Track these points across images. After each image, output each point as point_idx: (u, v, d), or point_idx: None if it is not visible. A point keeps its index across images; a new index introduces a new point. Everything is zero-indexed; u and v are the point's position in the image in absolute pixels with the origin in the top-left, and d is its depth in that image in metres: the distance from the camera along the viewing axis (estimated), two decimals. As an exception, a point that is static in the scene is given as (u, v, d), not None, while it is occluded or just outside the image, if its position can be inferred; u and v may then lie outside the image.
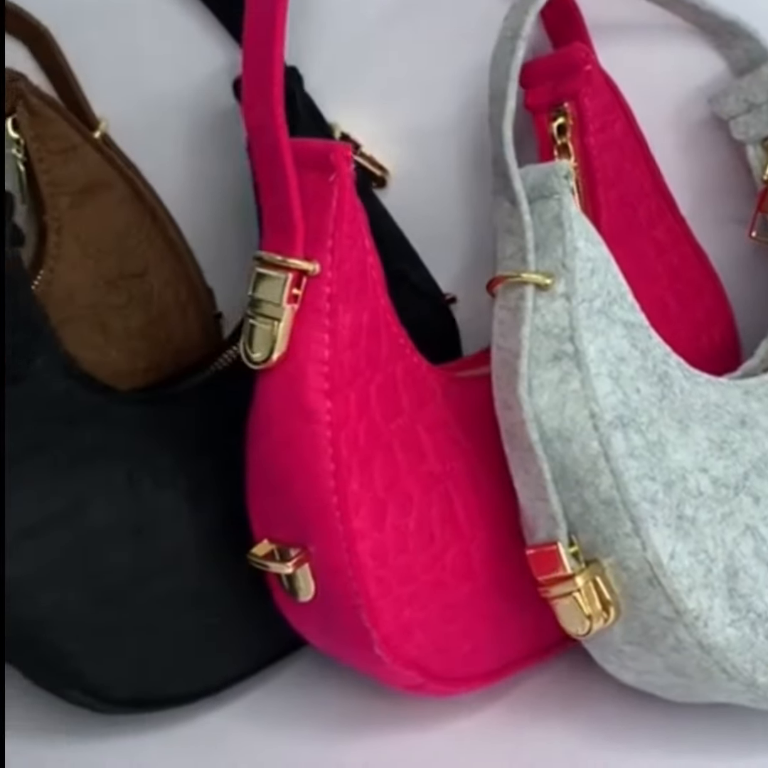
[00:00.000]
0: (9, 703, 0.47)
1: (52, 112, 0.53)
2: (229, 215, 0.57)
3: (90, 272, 0.53)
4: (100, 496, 0.44)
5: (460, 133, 0.55)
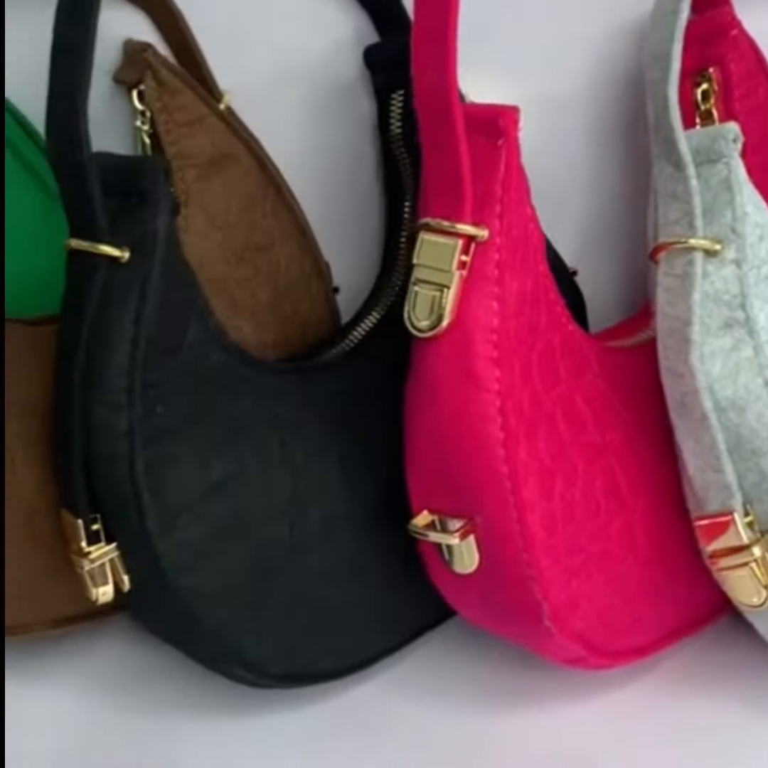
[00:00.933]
0: (164, 680, 0.47)
1: (180, 83, 0.52)
2: (344, 188, 0.57)
3: (218, 245, 0.52)
4: (257, 466, 0.43)
5: (586, 102, 0.55)
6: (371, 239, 0.57)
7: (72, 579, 0.46)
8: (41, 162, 0.54)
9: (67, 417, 0.41)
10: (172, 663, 0.48)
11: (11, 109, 0.54)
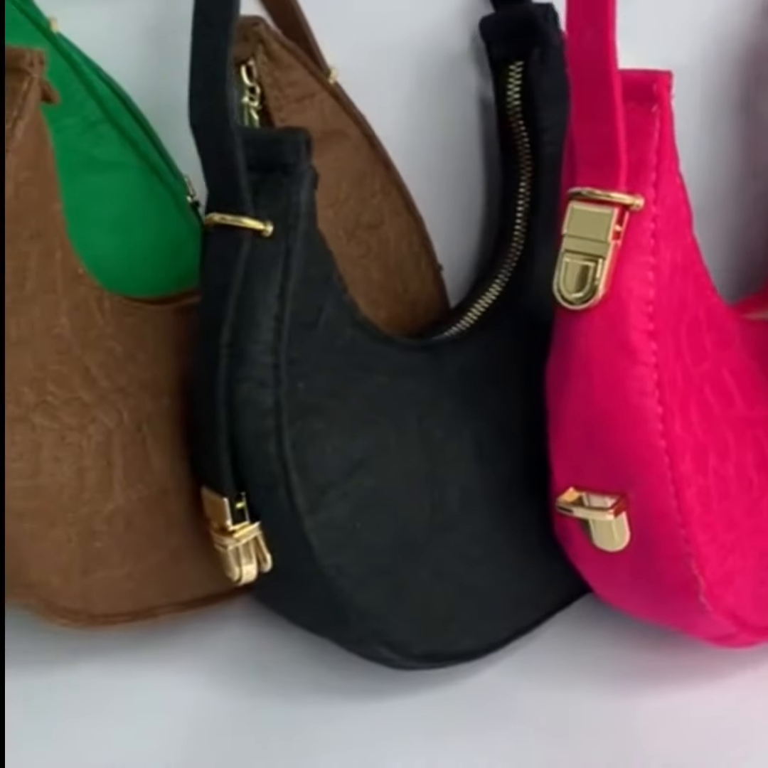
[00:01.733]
0: (287, 663, 0.46)
1: (292, 58, 0.51)
2: (448, 163, 0.56)
3: (330, 222, 0.51)
4: (396, 443, 0.42)
5: (702, 73, 0.54)
6: (475, 215, 0.57)
7: (199, 560, 0.46)
8: (142, 137, 0.54)
9: (212, 395, 0.40)
10: (295, 646, 0.47)
11: (111, 84, 0.54)
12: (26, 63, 0.41)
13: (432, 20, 0.53)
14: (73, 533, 0.42)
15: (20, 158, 0.41)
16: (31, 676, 0.46)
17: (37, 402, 0.42)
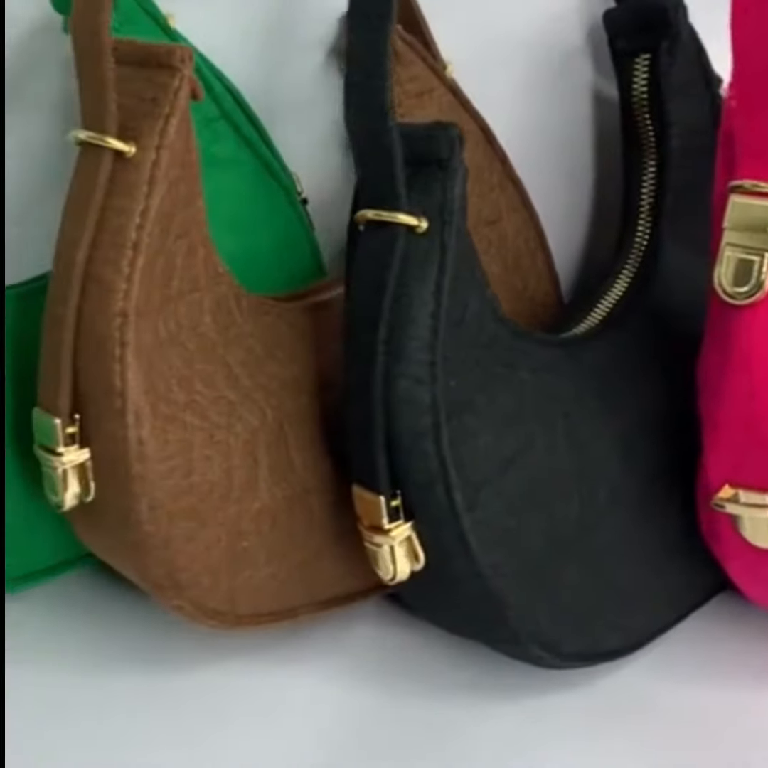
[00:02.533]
0: (423, 662, 0.46)
1: (413, 53, 0.51)
2: (561, 158, 0.56)
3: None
4: (544, 440, 0.42)
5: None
6: (588, 212, 0.57)
7: (339, 559, 0.46)
8: (254, 134, 0.54)
9: (368, 392, 0.40)
10: (434, 646, 0.47)
11: (224, 81, 0.53)
12: (177, 59, 0.40)
13: (547, 14, 0.53)
14: (222, 533, 0.42)
15: (172, 156, 0.41)
16: (180, 677, 0.46)
17: (187, 401, 0.42)
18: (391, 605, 0.48)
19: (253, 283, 0.49)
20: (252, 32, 0.54)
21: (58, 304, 0.40)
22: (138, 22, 0.50)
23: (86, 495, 0.41)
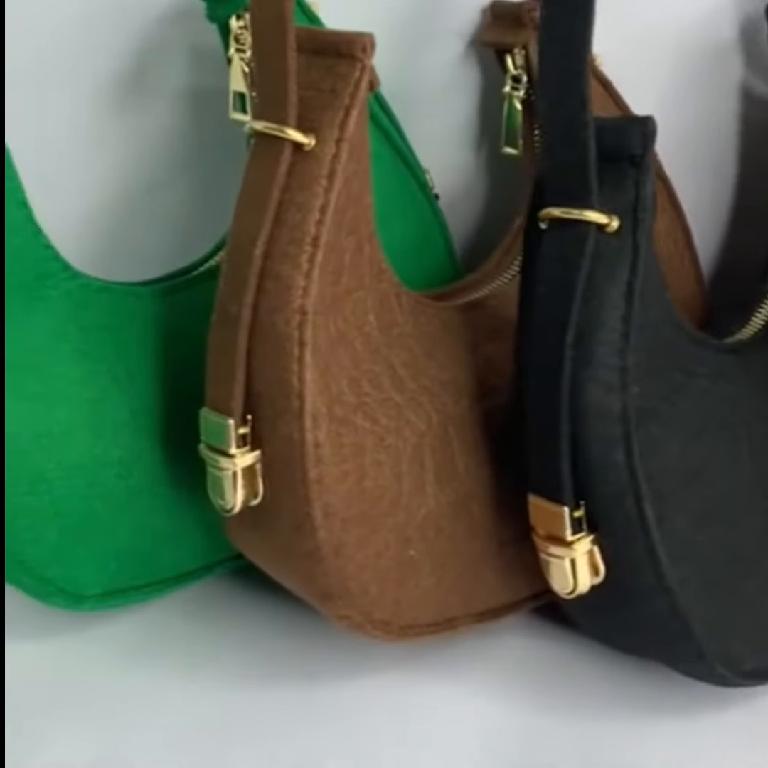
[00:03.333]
0: (576, 675, 0.44)
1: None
2: (710, 157, 0.54)
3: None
4: (727, 450, 0.41)
5: None
6: (736, 213, 0.55)
7: (496, 569, 0.44)
8: (391, 127, 0.52)
9: (554, 398, 0.38)
10: (580, 657, 0.45)
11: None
12: (359, 49, 0.39)
13: (699, 8, 0.52)
14: (391, 540, 0.41)
15: (351, 149, 0.39)
16: (335, 688, 0.44)
17: (357, 403, 0.40)
18: (538, 616, 0.47)
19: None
20: (390, 22, 0.53)
21: (232, 302, 0.39)
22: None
23: (254, 498, 0.40)
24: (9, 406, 0.41)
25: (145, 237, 0.56)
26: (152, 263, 0.54)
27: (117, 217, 0.55)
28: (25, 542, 0.42)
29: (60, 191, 0.53)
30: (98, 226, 0.54)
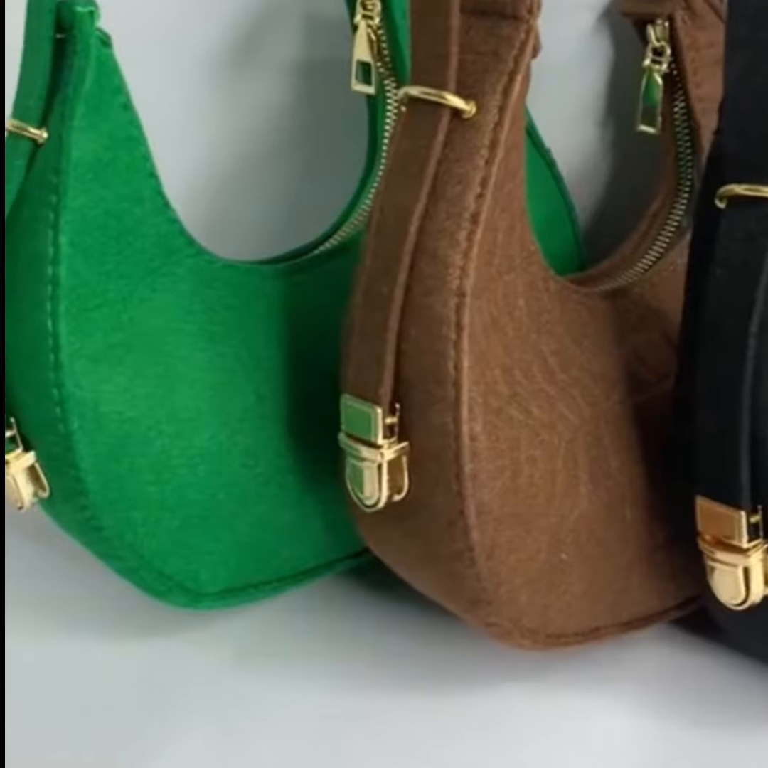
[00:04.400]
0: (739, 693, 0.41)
1: (715, 16, 0.47)
2: None
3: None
4: None
5: None
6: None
7: (645, 576, 0.41)
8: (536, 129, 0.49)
9: (733, 392, 0.34)
10: (719, 668, 0.42)
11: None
12: (524, 9, 0.36)
13: None
14: (543, 543, 0.38)
15: (513, 118, 0.36)
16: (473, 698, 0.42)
17: (511, 393, 0.37)
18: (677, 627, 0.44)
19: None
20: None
21: (381, 282, 0.36)
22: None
23: (397, 493, 0.37)
24: (130, 391, 0.38)
25: (254, 212, 0.53)
26: (260, 240, 0.52)
27: (225, 191, 0.52)
28: (144, 535, 0.39)
29: (166, 163, 0.51)
30: (205, 200, 0.51)
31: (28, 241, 0.38)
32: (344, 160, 0.51)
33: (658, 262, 0.46)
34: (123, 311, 0.38)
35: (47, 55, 0.37)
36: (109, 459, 0.38)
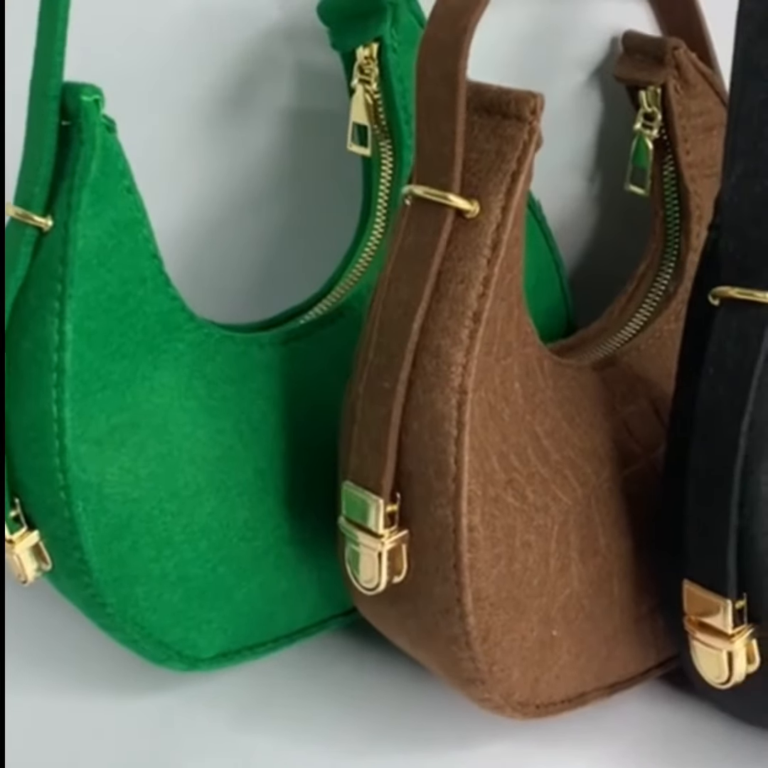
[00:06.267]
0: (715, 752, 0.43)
1: (707, 85, 0.47)
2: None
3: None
4: None
5: None
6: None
7: (629, 644, 0.43)
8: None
9: (723, 488, 0.36)
10: (700, 726, 0.44)
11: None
12: (528, 110, 0.36)
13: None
14: (535, 622, 0.39)
15: (516, 217, 0.37)
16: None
17: (507, 480, 0.38)
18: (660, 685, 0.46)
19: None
20: (513, 49, 0.51)
21: (385, 377, 0.36)
22: (412, 31, 0.46)
23: (396, 576, 0.38)
24: (133, 472, 0.39)
25: (237, 257, 0.54)
26: (242, 283, 0.53)
27: (210, 236, 0.52)
28: (146, 609, 0.40)
29: (154, 205, 0.52)
30: (189, 244, 0.52)
31: (33, 327, 0.38)
32: (336, 213, 0.52)
33: (645, 328, 0.47)
34: (126, 391, 0.39)
35: (52, 142, 0.37)
36: (113, 539, 0.39)
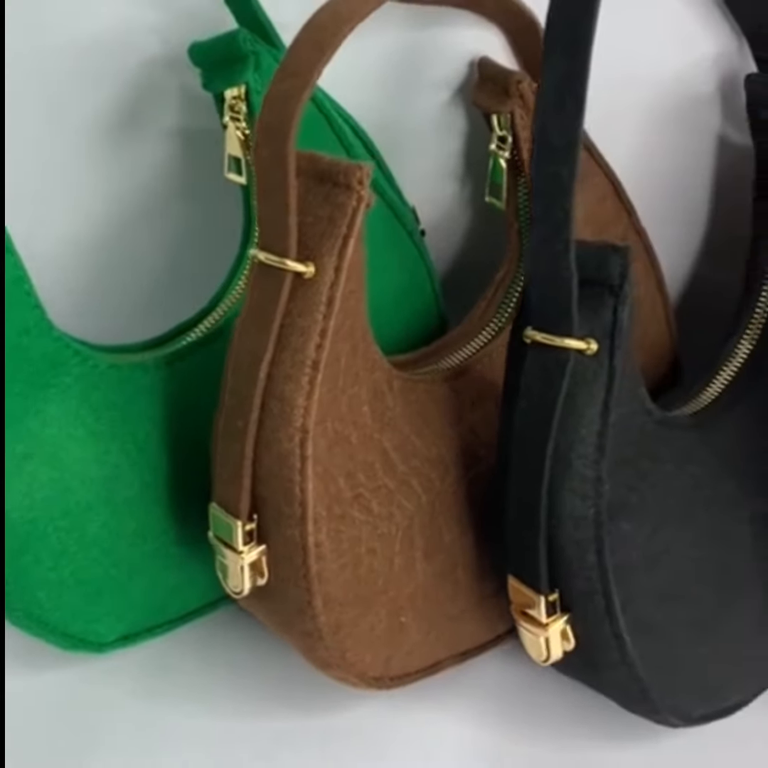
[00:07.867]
0: (556, 703, 0.49)
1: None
2: (679, 203, 0.56)
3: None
4: (691, 532, 0.44)
5: None
6: (708, 266, 0.57)
7: (478, 619, 0.48)
8: (378, 172, 0.53)
9: (534, 504, 0.41)
10: (550, 687, 0.50)
11: (350, 122, 0.53)
12: (356, 180, 0.41)
13: (681, 62, 0.53)
14: (383, 613, 0.45)
15: (349, 275, 0.41)
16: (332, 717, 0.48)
17: (353, 496, 0.44)
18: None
19: (376, 335, 0.48)
20: (381, 68, 0.54)
21: (238, 417, 0.42)
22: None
23: (260, 578, 0.44)
24: (29, 496, 0.44)
25: (133, 273, 0.57)
26: (139, 299, 0.56)
27: (104, 253, 0.55)
28: (48, 610, 0.46)
29: (48, 224, 0.55)
30: (85, 261, 0.55)
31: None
32: (225, 227, 0.55)
33: (499, 334, 0.52)
34: (21, 425, 0.44)
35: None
36: (18, 554, 0.45)
